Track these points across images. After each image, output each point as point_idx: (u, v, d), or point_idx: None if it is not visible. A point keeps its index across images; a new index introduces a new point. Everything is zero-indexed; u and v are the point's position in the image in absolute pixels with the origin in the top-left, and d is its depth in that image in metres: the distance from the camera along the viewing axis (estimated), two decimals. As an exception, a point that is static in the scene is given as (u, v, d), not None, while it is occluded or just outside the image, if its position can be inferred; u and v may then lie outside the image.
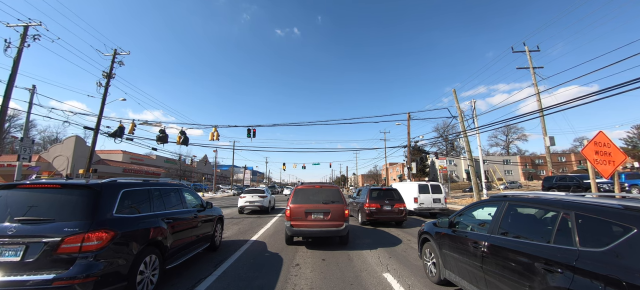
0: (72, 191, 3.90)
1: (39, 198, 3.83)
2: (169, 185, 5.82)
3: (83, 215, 3.64)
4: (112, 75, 20.05)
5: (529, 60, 19.71)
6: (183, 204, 5.96)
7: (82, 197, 3.85)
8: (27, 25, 16.00)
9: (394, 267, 5.86)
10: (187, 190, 6.51)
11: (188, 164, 69.75)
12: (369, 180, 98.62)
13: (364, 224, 11.89)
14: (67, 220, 3.53)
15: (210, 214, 6.95)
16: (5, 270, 3.19)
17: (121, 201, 4.19)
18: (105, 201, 3.93)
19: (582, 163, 58.78)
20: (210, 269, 5.60)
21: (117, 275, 3.66)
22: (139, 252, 4.05)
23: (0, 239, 3.30)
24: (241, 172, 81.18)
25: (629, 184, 18.29)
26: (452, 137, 31.52)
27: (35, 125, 64.78)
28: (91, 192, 3.90)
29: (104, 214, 3.82)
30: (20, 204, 3.70)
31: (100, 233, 3.56)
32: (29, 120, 19.02)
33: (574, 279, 2.31)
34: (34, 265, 3.23)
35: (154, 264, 4.45)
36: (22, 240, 3.31)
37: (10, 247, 3.29)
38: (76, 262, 3.33)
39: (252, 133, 22.63)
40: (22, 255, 3.25)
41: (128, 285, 3.80)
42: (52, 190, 3.88)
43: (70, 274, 3.24)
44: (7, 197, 3.78)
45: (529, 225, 3.35)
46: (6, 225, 3.41)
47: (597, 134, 7.50)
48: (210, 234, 6.89)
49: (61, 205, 3.73)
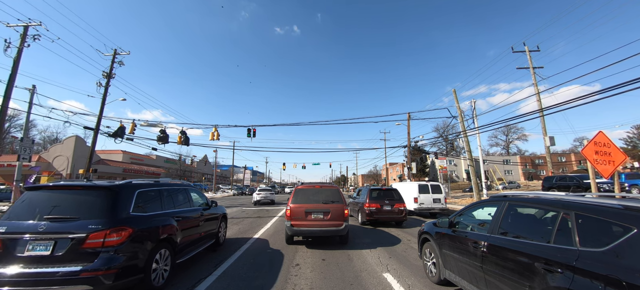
0: (94, 192, 4.26)
1: (64, 198, 4.16)
2: (178, 185, 6.16)
3: (104, 213, 3.98)
4: (112, 75, 20.05)
5: (529, 60, 19.71)
6: (190, 202, 6.26)
7: (102, 197, 4.19)
8: (27, 25, 16.00)
9: (394, 267, 5.86)
10: (194, 190, 6.80)
11: (188, 164, 69.77)
12: (369, 180, 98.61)
13: (364, 223, 11.89)
14: (90, 219, 3.89)
15: (215, 212, 7.25)
16: (38, 263, 3.55)
17: (137, 201, 4.54)
18: (123, 201, 4.28)
19: (582, 163, 58.77)
20: (210, 269, 5.61)
21: (135, 268, 4.00)
22: (153, 248, 4.38)
23: (32, 235, 3.67)
24: (241, 172, 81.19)
25: (629, 184, 18.29)
26: (452, 137, 31.48)
27: (35, 125, 64.83)
28: (110, 192, 4.24)
29: (122, 212, 4.17)
30: (47, 204, 4.02)
31: (119, 230, 3.90)
32: (29, 120, 19.03)
33: (574, 279, 2.31)
34: (62, 258, 3.59)
35: (166, 258, 4.77)
36: (51, 236, 3.67)
37: (41, 242, 3.64)
38: (100, 256, 3.69)
39: (252, 133, 22.64)
40: (51, 249, 3.61)
41: (144, 278, 4.13)
42: (75, 191, 4.25)
43: (95, 266, 3.60)
44: (35, 197, 4.14)
45: (529, 225, 3.35)
46: (36, 223, 3.77)
47: (597, 134, 7.49)
48: (215, 232, 7.20)
49: (84, 204, 4.09)
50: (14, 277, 3.45)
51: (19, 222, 3.84)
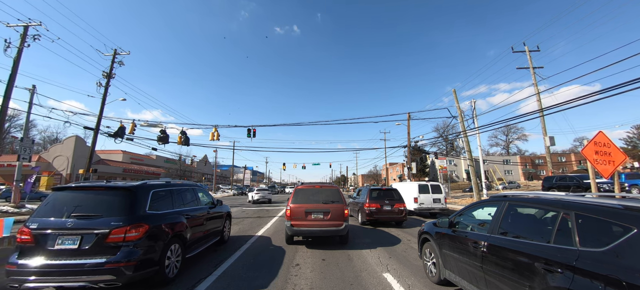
0: (114, 192, 4.64)
1: (87, 198, 4.54)
2: (186, 185, 6.53)
3: (123, 211, 4.36)
4: (112, 75, 20.05)
5: (529, 60, 19.71)
6: (198, 201, 6.64)
7: (121, 196, 4.56)
8: (27, 25, 16.00)
9: (394, 267, 5.86)
10: (201, 190, 7.15)
11: (188, 164, 69.76)
12: (369, 180, 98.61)
13: (364, 223, 11.89)
14: (111, 216, 4.26)
15: (220, 211, 7.64)
16: (67, 255, 3.96)
17: (152, 200, 4.92)
18: (140, 200, 4.65)
19: (582, 163, 58.77)
20: (210, 269, 5.61)
21: (151, 260, 4.39)
22: (166, 243, 4.75)
23: (61, 230, 4.05)
24: (241, 172, 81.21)
25: (629, 184, 18.29)
26: (452, 137, 31.49)
27: (35, 125, 64.81)
28: (129, 192, 4.62)
29: (140, 210, 4.55)
30: (73, 203, 4.39)
31: (138, 226, 4.29)
32: (29, 120, 19.04)
33: (574, 279, 2.31)
34: (88, 251, 3.99)
35: (178, 253, 5.14)
36: (78, 232, 4.06)
37: (69, 237, 4.04)
38: (121, 249, 4.07)
39: (252, 133, 22.64)
40: (78, 243, 4.01)
41: (159, 270, 4.52)
42: (97, 192, 4.64)
43: (117, 258, 3.98)
44: (61, 197, 4.50)
45: (529, 225, 3.35)
46: (64, 220, 4.15)
47: (597, 134, 7.49)
48: (220, 229, 7.61)
49: (105, 203, 4.46)
50: (47, 267, 3.86)
51: (48, 219, 4.22)
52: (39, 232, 4.08)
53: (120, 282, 3.99)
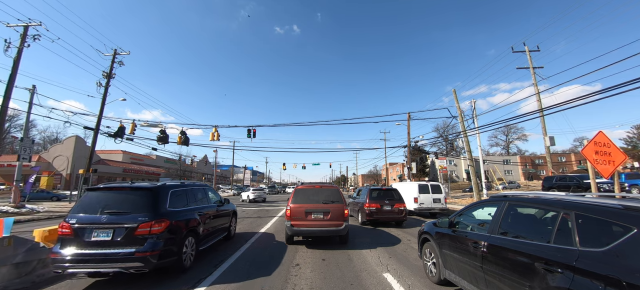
0: (139, 192, 5.22)
1: (116, 197, 5.16)
2: (198, 185, 7.19)
3: (148, 209, 4.97)
4: (112, 75, 20.06)
5: (529, 60, 19.71)
6: (208, 200, 7.29)
7: (146, 196, 5.17)
8: (27, 25, 16.01)
9: (394, 267, 5.85)
10: (211, 190, 7.84)
11: (188, 164, 69.75)
12: (369, 180, 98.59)
13: (364, 223, 11.89)
14: (138, 213, 4.87)
15: (227, 209, 8.28)
16: (102, 246, 4.57)
17: (171, 199, 5.56)
18: (161, 199, 5.29)
19: (582, 163, 58.76)
20: (210, 269, 5.61)
21: (171, 251, 5.02)
22: (183, 236, 5.41)
23: (97, 225, 4.66)
24: (241, 172, 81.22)
25: (629, 184, 18.28)
26: (452, 137, 31.49)
27: (35, 125, 64.84)
28: (152, 192, 5.24)
29: (161, 208, 5.18)
30: (105, 201, 5.00)
31: (160, 221, 4.91)
32: (29, 120, 19.03)
33: (574, 279, 2.31)
34: (120, 242, 4.58)
35: (193, 245, 5.79)
36: (110, 226, 4.66)
37: (104, 230, 4.64)
38: (147, 241, 4.69)
39: (252, 133, 22.63)
40: (111, 236, 4.61)
41: (177, 259, 5.17)
42: (124, 192, 5.24)
43: (144, 248, 4.60)
44: (94, 196, 5.14)
45: (529, 225, 3.35)
46: (99, 216, 4.76)
47: (597, 134, 7.49)
48: (227, 226, 8.28)
49: (132, 201, 5.06)
50: (86, 256, 4.48)
51: (85, 214, 4.81)
52: (77, 226, 4.68)
53: (147, 269, 4.61)
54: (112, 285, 4.87)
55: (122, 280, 5.03)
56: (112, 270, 4.50)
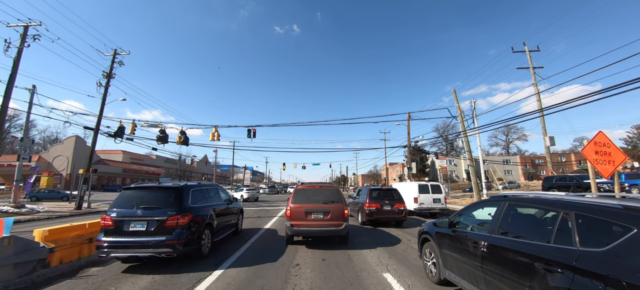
0: (166, 190, 6.21)
1: (148, 194, 6.11)
2: (212, 186, 8.13)
3: (174, 204, 5.90)
4: (112, 75, 20.05)
5: (529, 60, 19.71)
6: (220, 199, 8.24)
7: (172, 194, 6.12)
8: (27, 25, 16.01)
9: (394, 267, 5.85)
10: (221, 190, 8.81)
11: (188, 164, 69.73)
12: (369, 180, 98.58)
13: (364, 223, 11.89)
14: (166, 208, 5.80)
15: (235, 207, 9.29)
16: (138, 235, 5.53)
17: (191, 196, 6.47)
18: (184, 196, 6.21)
19: (582, 163, 58.75)
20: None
21: (193, 240, 5.93)
22: (202, 228, 6.33)
23: (134, 217, 5.63)
24: (241, 172, 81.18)
25: (629, 184, 18.27)
26: (452, 137, 31.48)
27: (35, 125, 64.82)
28: (177, 191, 6.21)
29: (185, 204, 6.08)
30: (139, 198, 5.95)
31: (185, 215, 5.82)
32: (29, 120, 19.02)
33: (574, 279, 2.31)
34: (152, 232, 5.53)
35: (209, 237, 6.74)
36: (144, 218, 5.62)
37: (139, 222, 5.61)
38: (175, 231, 5.59)
39: (252, 133, 22.63)
40: (146, 227, 5.58)
41: (198, 248, 6.11)
42: (154, 190, 6.24)
43: (173, 237, 5.51)
44: (130, 194, 6.11)
45: (529, 225, 3.35)
46: (136, 210, 5.72)
47: (597, 134, 7.49)
48: (235, 222, 9.21)
49: (161, 198, 6.02)
50: (125, 243, 5.43)
51: (123, 209, 5.75)
52: (117, 219, 5.61)
53: (175, 254, 5.52)
54: (144, 270, 5.67)
55: (152, 266, 5.89)
56: (147, 254, 5.44)
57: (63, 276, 5.21)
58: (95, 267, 5.81)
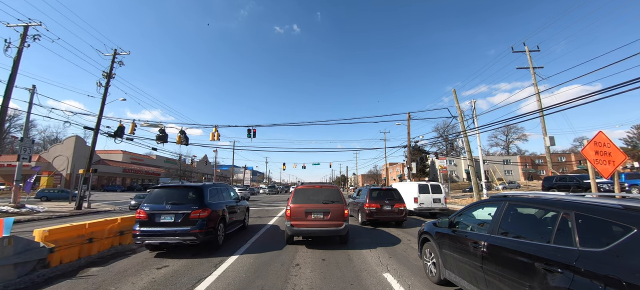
0: (189, 189, 7.43)
1: (174, 192, 7.29)
2: (224, 186, 9.38)
3: (196, 201, 7.07)
4: (112, 75, 20.05)
5: (529, 60, 19.71)
6: (230, 197, 9.35)
7: (194, 192, 7.30)
8: (27, 25, 16.01)
9: (394, 267, 5.85)
10: (232, 189, 10.20)
11: (188, 164, 69.70)
12: (369, 180, 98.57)
13: (364, 223, 11.89)
14: (190, 203, 6.97)
15: (243, 205, 10.53)
16: (167, 225, 6.67)
17: (209, 194, 7.60)
18: (204, 194, 7.35)
19: (582, 163, 58.76)
20: (211, 269, 5.61)
21: (211, 231, 7.03)
22: (218, 221, 7.45)
23: (164, 211, 6.75)
24: (241, 172, 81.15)
25: (629, 184, 18.27)
26: (452, 137, 31.49)
27: (35, 125, 64.80)
28: (197, 189, 7.40)
29: (204, 200, 7.19)
30: (167, 195, 7.14)
31: (205, 210, 6.94)
32: (29, 120, 19.02)
33: (574, 279, 2.31)
34: (179, 223, 6.68)
35: (223, 229, 7.89)
36: (172, 211, 6.77)
37: (168, 215, 6.75)
38: (197, 223, 6.72)
39: (252, 133, 22.63)
40: (173, 219, 6.71)
41: (214, 237, 7.19)
42: (179, 189, 7.49)
43: (196, 228, 6.65)
44: (159, 192, 7.29)
45: (529, 226, 3.35)
46: (165, 205, 6.87)
47: (597, 134, 7.49)
48: (243, 218, 10.38)
49: (185, 195, 7.23)
50: (157, 232, 6.58)
51: (154, 204, 6.90)
52: (150, 212, 6.73)
53: (198, 242, 6.66)
54: (174, 255, 6.81)
55: (178, 252, 7.10)
56: (175, 241, 6.56)
57: (63, 276, 5.22)
58: (95, 267, 5.81)
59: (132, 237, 6.80)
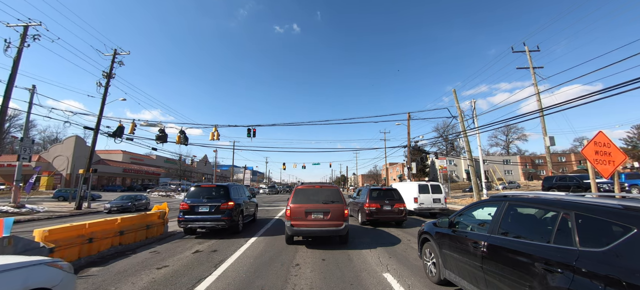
0: (219, 188, 9.67)
1: (208, 189, 9.59)
2: (241, 186, 11.80)
3: (224, 196, 9.32)
4: (112, 75, 20.05)
5: (529, 60, 19.71)
6: (245, 194, 11.61)
7: (222, 189, 9.58)
8: (27, 25, 16.01)
9: (394, 267, 5.85)
10: (245, 188, 12.46)
11: (188, 163, 69.72)
12: (369, 180, 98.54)
13: (364, 223, 11.89)
14: (220, 198, 9.31)
15: (254, 201, 13.03)
16: (204, 214, 8.99)
17: (232, 191, 9.76)
18: (230, 191, 9.59)
19: (582, 163, 58.75)
20: (210, 269, 5.61)
21: (235, 219, 9.32)
22: (238, 212, 9.66)
23: (201, 203, 9.07)
24: (241, 172, 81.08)
25: (629, 184, 18.27)
26: (452, 137, 31.52)
27: (35, 125, 64.77)
28: (225, 188, 9.64)
29: (230, 196, 9.41)
30: (203, 192, 9.49)
31: (230, 203, 9.20)
32: (29, 120, 19.02)
33: (573, 279, 2.31)
34: (213, 212, 9.02)
35: (242, 219, 10.11)
36: (207, 204, 9.08)
37: (205, 206, 9.06)
38: (226, 212, 9.01)
39: (252, 133, 22.63)
40: (208, 209, 9.03)
41: (236, 224, 9.45)
42: (212, 187, 9.69)
43: (225, 216, 8.97)
44: (197, 189, 9.61)
45: (529, 225, 3.35)
46: (201, 199, 9.20)
47: (597, 134, 7.49)
48: (253, 212, 12.59)
49: (216, 192, 9.48)
50: (197, 219, 8.96)
51: (194, 198, 9.26)
52: (191, 204, 9.09)
53: (226, 226, 9.04)
54: (210, 236, 9.33)
55: (212, 235, 9.59)
56: (210, 226, 9.00)
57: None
58: (96, 267, 5.81)
59: (177, 223, 9.13)
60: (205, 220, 8.86)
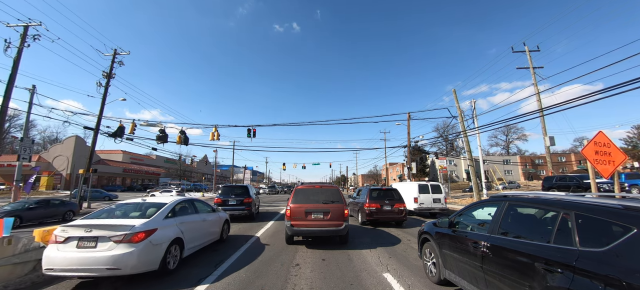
0: (241, 187, 13.92)
1: (234, 188, 13.77)
2: (251, 187, 15.16)
3: (245, 193, 13.43)
4: (112, 75, 20.03)
5: (529, 60, 19.70)
6: (254, 193, 15.02)
7: (244, 188, 13.77)
8: (27, 25, 15.99)
9: (394, 267, 5.85)
10: (252, 187, 15.85)
11: (188, 164, 69.69)
12: (369, 180, 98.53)
13: (364, 223, 11.89)
14: (243, 195, 13.28)
15: (258, 198, 16.56)
16: (233, 204, 12.90)
17: (250, 190, 14.04)
18: (248, 190, 13.75)
19: (582, 163, 58.74)
20: (211, 269, 5.61)
21: (252, 209, 13.29)
22: (253, 204, 13.50)
23: (230, 198, 13.13)
24: (241, 172, 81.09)
25: (629, 184, 18.27)
26: (452, 137, 31.51)
27: (35, 125, 64.74)
28: (245, 187, 13.88)
29: (249, 193, 13.54)
30: (230, 190, 13.63)
31: (250, 198, 13.24)
32: (29, 120, 19.00)
33: (573, 279, 2.31)
34: (239, 204, 13.00)
35: (255, 210, 14.33)
36: (236, 198, 13.13)
37: (233, 200, 13.08)
38: (247, 204, 13.02)
39: (252, 133, 22.62)
40: (236, 202, 13.00)
41: (252, 213, 13.29)
42: (235, 187, 13.97)
43: (246, 206, 13.00)
44: (226, 188, 13.89)
45: (529, 225, 3.35)
46: (230, 195, 13.27)
47: (597, 134, 7.48)
48: (258, 206, 15.88)
49: (240, 190, 13.66)
50: (228, 207, 12.52)
51: (224, 195, 13.22)
52: (223, 198, 12.91)
53: (247, 214, 12.89)
54: (239, 221, 12.67)
55: (239, 220, 12.78)
56: (238, 213, 12.53)
57: (63, 276, 5.19)
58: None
59: None
60: (232, 209, 12.36)
